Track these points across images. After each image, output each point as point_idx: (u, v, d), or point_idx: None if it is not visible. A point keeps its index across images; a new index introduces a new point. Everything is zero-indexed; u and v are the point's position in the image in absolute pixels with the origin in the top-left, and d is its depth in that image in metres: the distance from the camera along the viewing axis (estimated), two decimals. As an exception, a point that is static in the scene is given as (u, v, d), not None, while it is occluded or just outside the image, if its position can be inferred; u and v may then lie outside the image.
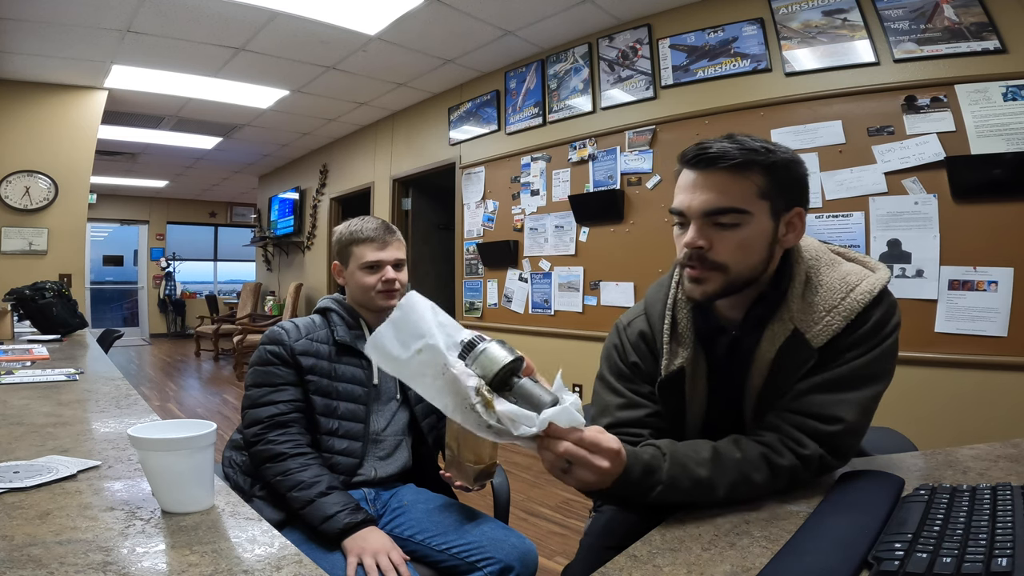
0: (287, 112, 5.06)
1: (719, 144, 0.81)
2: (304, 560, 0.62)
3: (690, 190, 0.84)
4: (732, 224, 0.81)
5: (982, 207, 2.22)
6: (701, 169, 0.82)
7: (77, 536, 0.65)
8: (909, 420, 1.40)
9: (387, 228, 1.35)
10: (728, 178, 0.81)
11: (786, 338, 0.84)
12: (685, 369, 0.90)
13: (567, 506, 2.68)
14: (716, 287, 0.84)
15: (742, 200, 0.81)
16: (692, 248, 0.83)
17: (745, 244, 0.82)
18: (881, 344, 0.84)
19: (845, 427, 0.81)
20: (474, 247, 4.25)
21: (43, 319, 2.89)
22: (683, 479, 0.76)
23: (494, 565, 1.10)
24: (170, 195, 9.61)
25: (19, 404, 1.33)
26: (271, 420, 1.19)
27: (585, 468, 0.69)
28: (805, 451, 0.80)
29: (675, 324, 0.92)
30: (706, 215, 0.82)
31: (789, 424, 0.83)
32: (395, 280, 1.31)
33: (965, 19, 2.26)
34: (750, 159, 0.80)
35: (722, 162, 0.80)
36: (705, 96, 3.01)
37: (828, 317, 0.83)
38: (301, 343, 1.26)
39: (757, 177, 0.81)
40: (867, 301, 0.83)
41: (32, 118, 4.23)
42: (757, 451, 0.80)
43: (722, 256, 0.82)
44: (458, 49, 3.79)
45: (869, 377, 0.84)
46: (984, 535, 0.58)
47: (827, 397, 0.82)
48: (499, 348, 0.70)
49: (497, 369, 0.69)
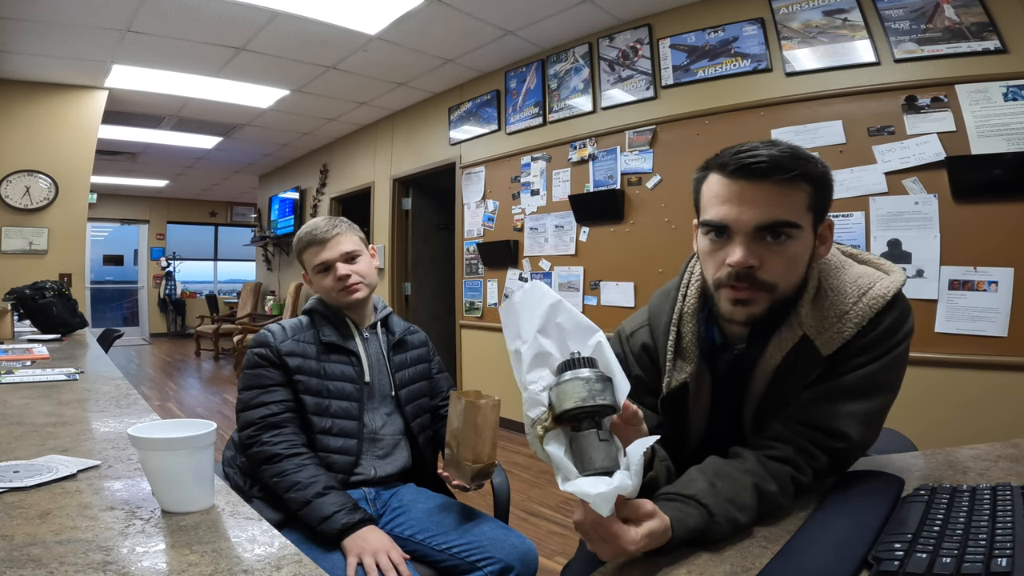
0: (287, 112, 5.06)
1: (767, 151, 0.74)
2: (304, 560, 0.62)
3: (736, 202, 0.75)
4: (784, 238, 0.75)
5: (982, 207, 2.22)
6: (753, 179, 0.74)
7: (77, 536, 0.65)
8: (909, 420, 1.40)
9: (329, 224, 1.33)
10: (782, 190, 0.74)
11: (794, 344, 0.80)
12: (688, 384, 0.87)
13: (567, 506, 2.68)
14: (762, 308, 0.78)
15: (795, 213, 0.75)
16: (742, 268, 0.75)
17: (793, 260, 0.77)
18: (891, 352, 0.79)
19: (850, 445, 0.79)
20: (474, 247, 4.25)
21: (43, 319, 2.89)
22: (730, 532, 0.69)
23: (494, 565, 1.10)
24: (170, 195, 9.61)
25: (19, 403, 1.33)
26: (263, 421, 1.19)
27: (596, 546, 0.63)
28: (817, 464, 0.79)
29: (679, 339, 0.88)
30: (759, 230, 0.74)
31: (802, 437, 0.79)
32: (349, 275, 1.30)
33: (966, 19, 2.26)
34: (804, 170, 0.74)
35: (778, 174, 0.73)
36: (705, 96, 3.01)
37: (839, 324, 0.79)
38: (287, 344, 1.26)
39: (807, 187, 0.75)
40: (880, 306, 0.78)
41: (32, 118, 4.23)
42: (787, 474, 0.76)
43: (772, 275, 0.76)
44: (458, 49, 3.79)
45: (877, 388, 0.80)
46: (984, 535, 0.58)
47: (835, 408, 0.78)
48: (582, 387, 0.59)
49: (564, 409, 0.59)
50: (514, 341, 0.66)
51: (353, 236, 1.35)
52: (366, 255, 1.36)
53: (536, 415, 0.61)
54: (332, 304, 1.35)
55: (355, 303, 1.32)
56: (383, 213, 5.20)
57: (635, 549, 0.61)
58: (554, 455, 0.60)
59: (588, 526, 0.62)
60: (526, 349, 0.64)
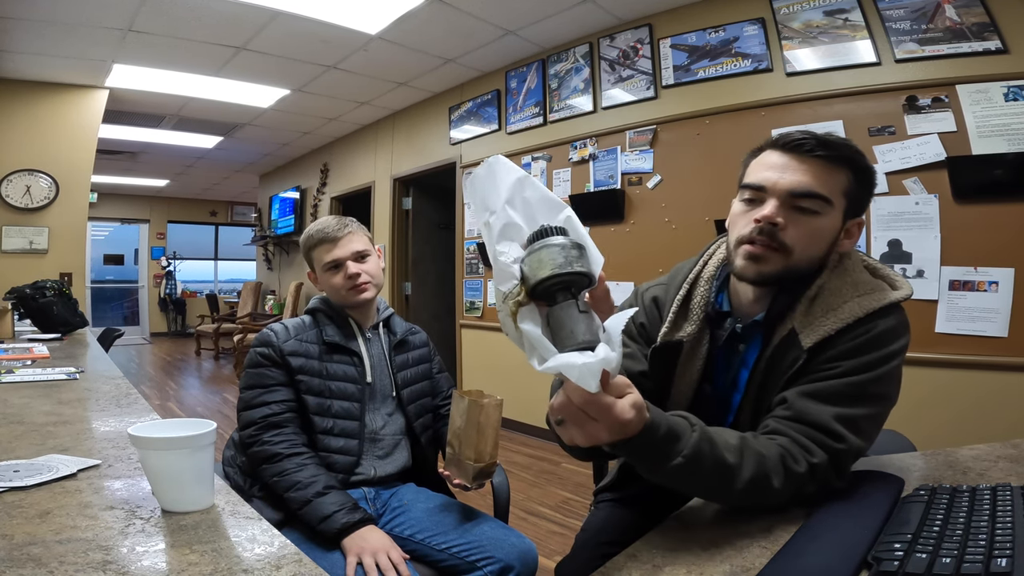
0: (288, 111, 5.06)
1: (821, 135, 0.82)
2: (304, 559, 0.62)
3: (779, 169, 0.83)
4: (812, 211, 0.81)
5: (983, 207, 2.22)
6: (802, 154, 0.82)
7: (77, 535, 0.65)
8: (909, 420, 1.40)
9: (340, 224, 1.34)
10: (823, 167, 0.81)
11: (782, 338, 0.84)
12: (683, 344, 0.89)
13: (567, 506, 2.68)
14: (774, 269, 0.82)
15: (829, 190, 0.81)
16: (767, 222, 0.81)
17: (816, 233, 0.82)
18: (884, 364, 0.79)
19: (848, 446, 0.76)
20: (474, 247, 4.25)
21: (43, 318, 2.89)
22: (707, 458, 0.68)
23: (494, 564, 1.10)
24: (171, 194, 9.61)
25: (19, 403, 1.33)
26: (264, 421, 1.19)
27: (577, 430, 0.61)
28: (814, 459, 0.75)
29: (689, 298, 0.92)
30: (793, 195, 0.81)
31: (799, 433, 0.77)
32: (359, 274, 1.30)
33: (966, 19, 2.26)
34: (848, 156, 0.82)
35: (823, 151, 0.81)
36: (706, 96, 3.01)
37: (825, 318, 0.81)
38: (290, 344, 1.26)
39: (848, 174, 0.82)
40: (871, 308, 0.80)
41: (33, 117, 4.23)
42: (777, 451, 0.74)
43: (792, 239, 0.81)
44: (459, 49, 3.79)
45: (871, 398, 0.79)
46: (984, 535, 0.58)
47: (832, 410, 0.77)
48: (558, 253, 0.56)
49: (540, 279, 0.56)
50: (482, 213, 0.62)
51: (363, 236, 1.37)
52: (374, 255, 1.37)
53: (508, 288, 0.57)
54: (338, 303, 1.35)
55: (363, 302, 1.33)
56: (383, 213, 5.20)
57: (627, 420, 0.60)
58: (530, 332, 0.56)
59: (575, 407, 0.59)
60: (495, 219, 0.60)
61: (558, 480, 3.04)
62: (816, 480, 0.75)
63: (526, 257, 0.57)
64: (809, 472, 0.74)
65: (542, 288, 0.56)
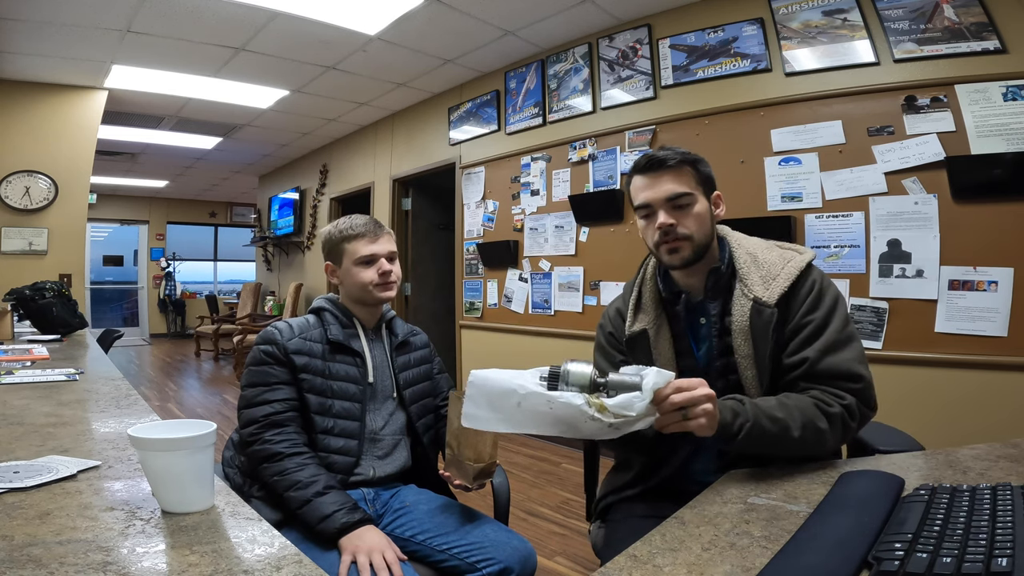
0: (287, 112, 5.06)
1: (660, 153, 1.10)
2: (304, 560, 0.62)
3: (651, 187, 1.10)
4: (687, 204, 1.09)
5: (982, 207, 2.22)
6: (656, 171, 1.10)
7: (77, 536, 0.65)
8: (909, 420, 1.40)
9: (376, 223, 1.37)
10: (675, 174, 1.09)
11: (750, 308, 1.06)
12: (648, 332, 1.14)
13: (567, 506, 2.68)
14: (688, 252, 1.09)
15: (688, 186, 1.10)
16: (666, 226, 1.08)
17: (699, 217, 1.09)
18: (836, 308, 1.05)
19: (865, 383, 1.01)
20: (474, 247, 4.25)
21: (43, 319, 2.90)
22: (763, 418, 0.92)
23: (494, 565, 1.10)
24: (170, 195, 9.61)
25: (19, 404, 1.33)
26: (266, 419, 1.19)
27: (698, 406, 0.84)
28: (845, 400, 0.98)
29: (640, 297, 1.19)
30: (669, 200, 1.09)
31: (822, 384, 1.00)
32: (391, 271, 1.33)
33: (965, 19, 2.26)
34: (683, 157, 1.10)
35: (670, 161, 1.09)
36: (705, 96, 3.01)
37: (773, 282, 1.06)
38: (294, 342, 1.26)
39: (691, 171, 1.11)
40: (802, 266, 1.07)
41: (32, 118, 4.23)
42: (809, 401, 0.97)
43: (688, 228, 1.08)
44: (458, 49, 3.79)
45: (851, 337, 1.04)
46: (984, 535, 0.58)
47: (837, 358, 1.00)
48: (577, 365, 0.82)
49: (588, 380, 0.81)
50: (510, 398, 0.82)
51: (394, 240, 1.39)
52: (398, 261, 1.39)
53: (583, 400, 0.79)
54: (356, 299, 1.35)
55: (384, 300, 1.34)
56: (383, 213, 5.19)
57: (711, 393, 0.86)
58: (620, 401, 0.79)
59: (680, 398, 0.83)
60: (528, 388, 0.82)
61: (558, 481, 3.04)
62: (854, 418, 0.98)
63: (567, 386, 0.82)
64: (845, 410, 0.97)
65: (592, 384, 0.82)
